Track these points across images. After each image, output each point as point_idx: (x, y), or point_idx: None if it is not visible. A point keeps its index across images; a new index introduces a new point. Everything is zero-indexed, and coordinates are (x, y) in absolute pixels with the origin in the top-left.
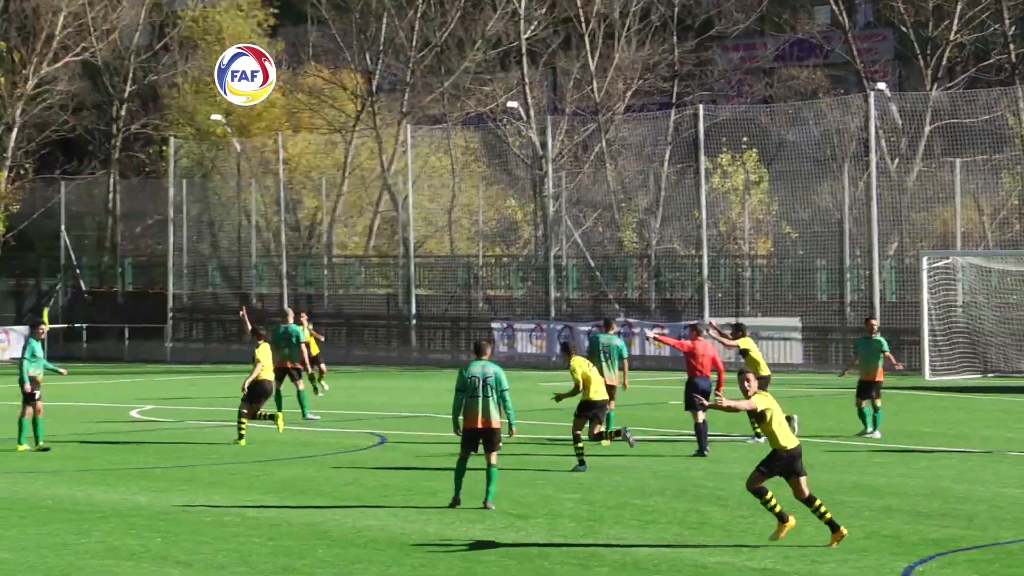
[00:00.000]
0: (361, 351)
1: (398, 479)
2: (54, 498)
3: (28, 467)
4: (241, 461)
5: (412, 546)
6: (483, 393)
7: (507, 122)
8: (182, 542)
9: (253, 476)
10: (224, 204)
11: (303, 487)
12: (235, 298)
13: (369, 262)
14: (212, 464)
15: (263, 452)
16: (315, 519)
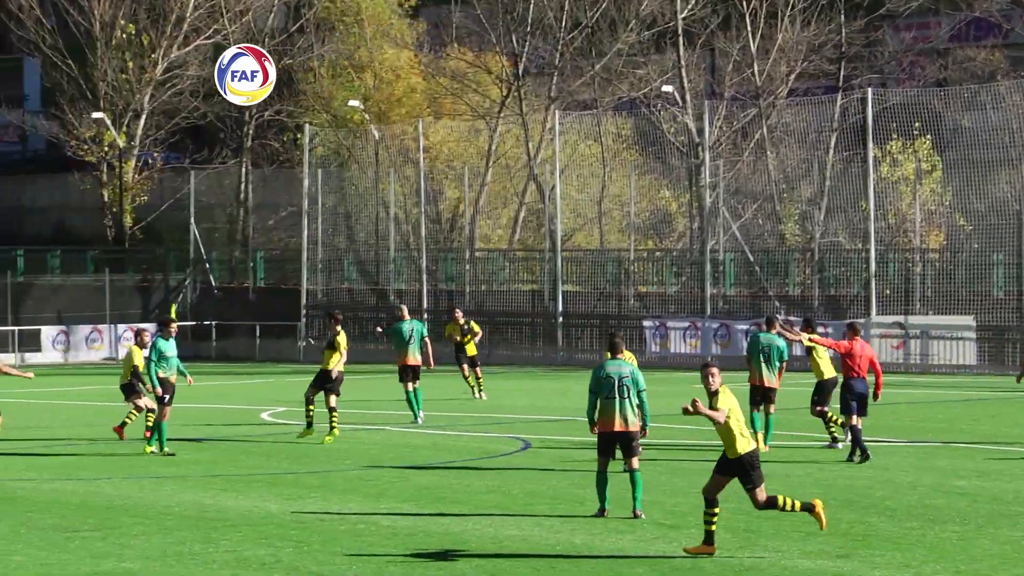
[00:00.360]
0: (504, 350)
1: (543, 486)
2: (180, 505)
3: (153, 472)
4: (376, 467)
5: (557, 557)
6: (619, 394)
7: (661, 107)
8: (315, 552)
9: (388, 482)
10: (361, 195)
11: (441, 494)
12: (372, 294)
13: (513, 256)
14: (346, 470)
15: (399, 458)
16: (453, 528)
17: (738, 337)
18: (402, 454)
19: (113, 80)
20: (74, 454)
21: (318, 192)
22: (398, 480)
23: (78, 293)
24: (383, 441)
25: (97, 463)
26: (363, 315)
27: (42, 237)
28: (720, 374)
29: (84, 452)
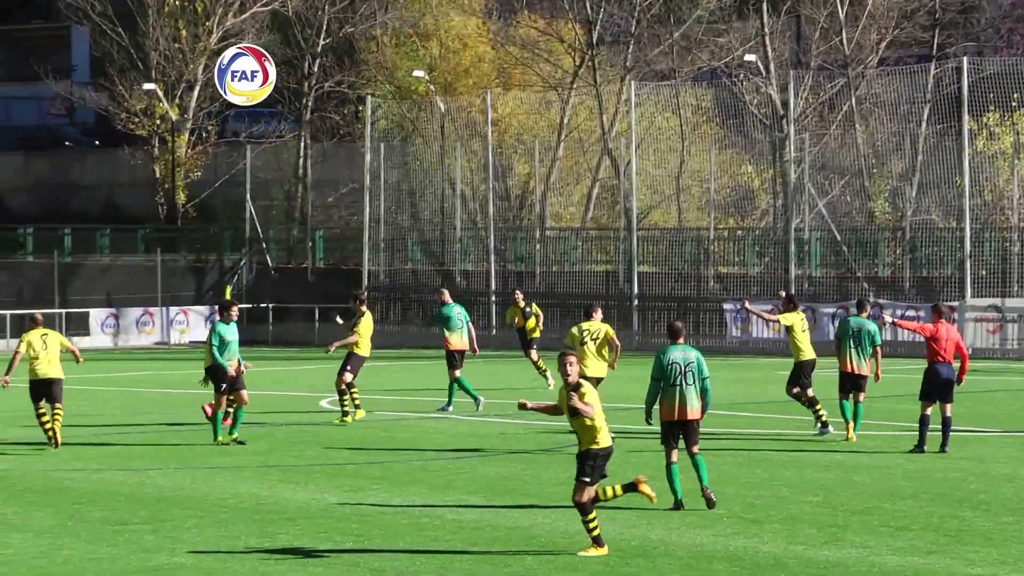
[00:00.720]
0: None
1: (617, 478)
2: (235, 497)
3: (207, 462)
4: (440, 458)
5: (632, 554)
6: (685, 381)
7: (744, 78)
8: (376, 547)
9: (454, 474)
10: (426, 170)
11: (509, 486)
12: (437, 275)
13: (587, 235)
14: (409, 460)
15: (463, 447)
16: (522, 522)
17: (824, 322)
18: (468, 444)
19: (165, 49)
20: (124, 444)
21: (380, 167)
22: (464, 471)
23: (128, 274)
24: (448, 430)
25: (148, 453)
26: (428, 297)
27: (90, 215)
28: (578, 365)
29: (134, 442)
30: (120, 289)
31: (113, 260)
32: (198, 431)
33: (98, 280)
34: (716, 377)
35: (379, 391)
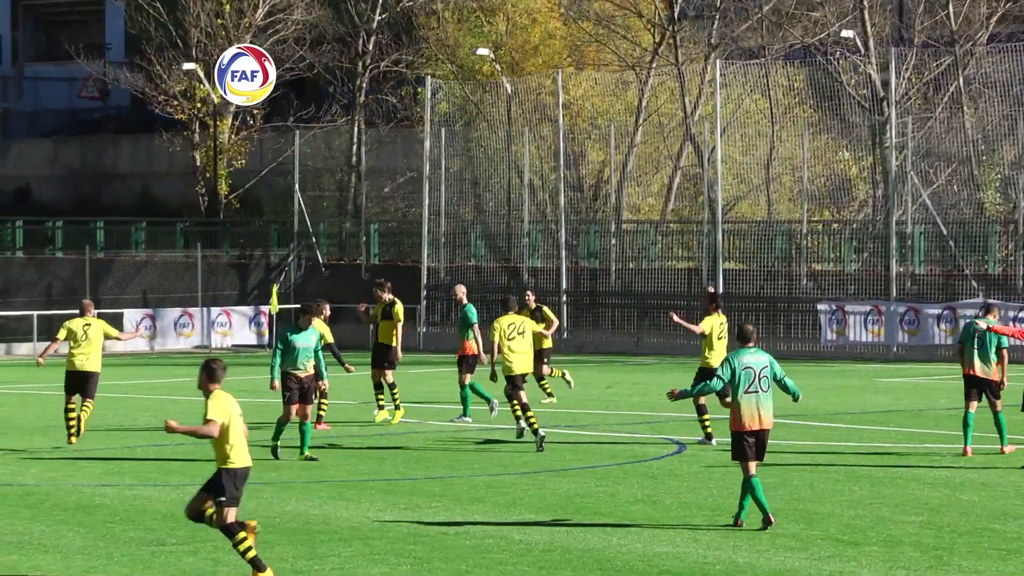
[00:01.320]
0: (655, 338)
1: (700, 495)
2: (282, 515)
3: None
4: (506, 472)
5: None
6: (760, 387)
7: (840, 56)
8: (436, 571)
9: (521, 490)
10: (490, 158)
11: (581, 504)
12: (503, 272)
13: (667, 229)
14: (471, 475)
15: (533, 462)
16: (596, 544)
17: (928, 324)
18: (537, 458)
19: (207, 26)
20: (160, 458)
21: (441, 155)
22: (532, 487)
23: (165, 271)
24: (515, 443)
25: (187, 467)
26: (492, 296)
27: (124, 207)
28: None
29: (172, 455)
30: (157, 288)
31: (149, 256)
32: None
33: (133, 278)
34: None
35: (439, 399)
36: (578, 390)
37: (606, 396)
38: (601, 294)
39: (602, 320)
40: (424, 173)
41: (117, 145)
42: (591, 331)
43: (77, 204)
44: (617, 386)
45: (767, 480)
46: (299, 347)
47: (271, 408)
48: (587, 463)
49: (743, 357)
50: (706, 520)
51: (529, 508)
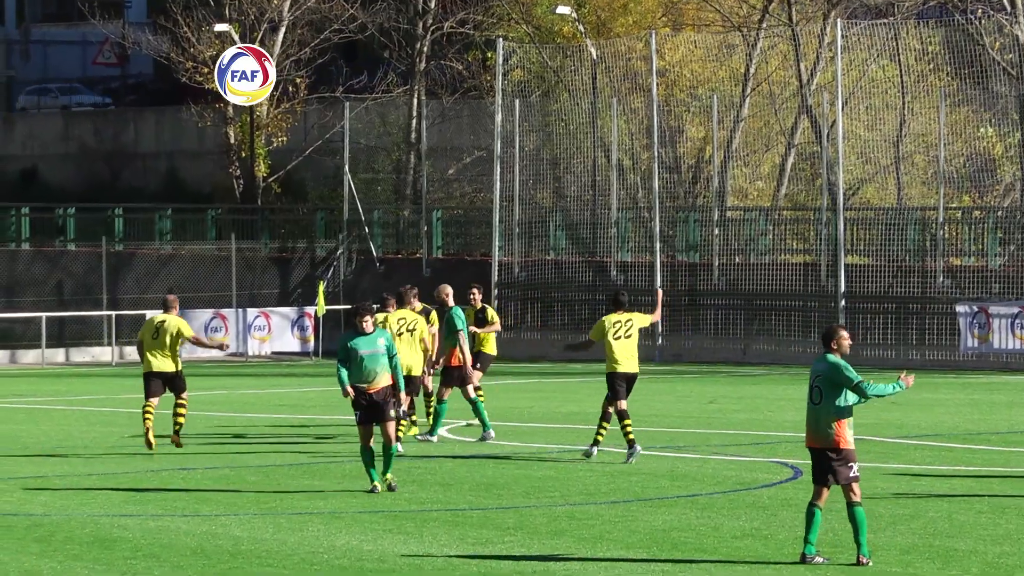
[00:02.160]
0: (766, 345)
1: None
2: (331, 551)
3: (294, 506)
4: (591, 502)
5: None
6: (812, 398)
7: (983, 15)
8: None
9: (609, 523)
10: (573, 134)
11: (680, 540)
12: (587, 268)
13: (779, 217)
14: (550, 504)
15: (621, 489)
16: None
17: None
18: (628, 484)
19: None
20: (187, 487)
21: (515, 131)
22: (622, 519)
23: (195, 267)
24: (602, 468)
25: (219, 495)
26: (575, 296)
27: (147, 191)
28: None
29: (201, 482)
30: (184, 286)
31: (176, 249)
32: (280, 467)
33: (157, 275)
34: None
35: (513, 416)
36: (676, 406)
37: (708, 413)
38: (702, 293)
39: (703, 324)
40: (495, 152)
41: (138, 120)
42: (690, 336)
43: (92, 188)
44: (721, 401)
45: (898, 511)
46: (362, 355)
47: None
48: (686, 491)
49: (815, 364)
50: (827, 554)
51: (618, 543)
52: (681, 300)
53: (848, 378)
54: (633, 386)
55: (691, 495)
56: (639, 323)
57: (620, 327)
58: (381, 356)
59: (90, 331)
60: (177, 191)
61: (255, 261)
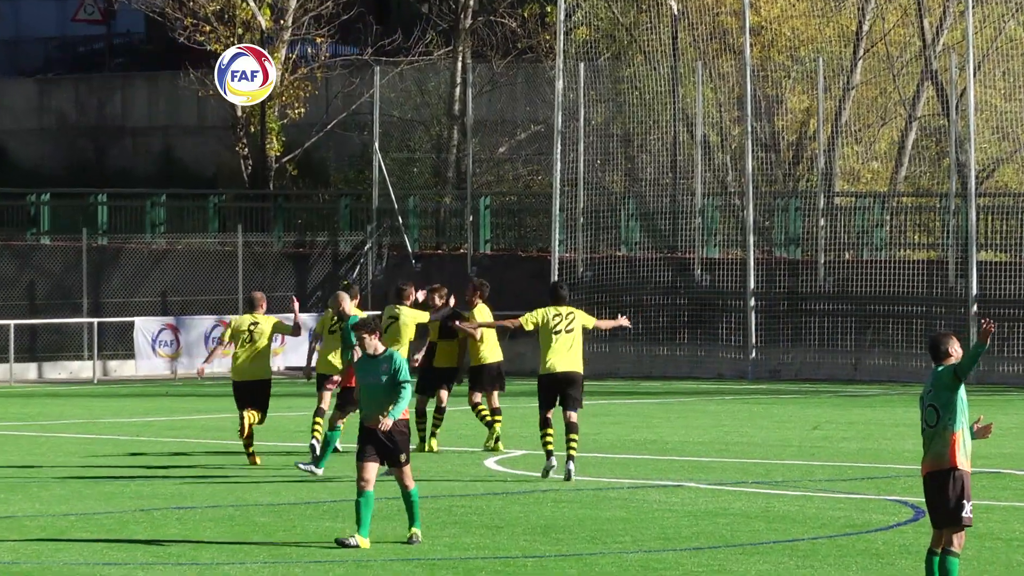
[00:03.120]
0: (882, 358)
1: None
2: None
3: (308, 556)
4: (670, 548)
5: None
6: (926, 422)
7: None
8: None
9: (690, 573)
10: (649, 105)
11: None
12: (666, 266)
13: (898, 205)
14: (618, 552)
15: (705, 533)
16: None
17: None
18: (715, 527)
19: None
20: (183, 532)
21: (579, 101)
22: (707, 569)
23: (194, 264)
24: (682, 507)
25: (222, 542)
26: (651, 300)
27: (137, 174)
28: None
29: (199, 526)
30: (182, 287)
31: (171, 243)
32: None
33: (149, 274)
34: None
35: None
36: (773, 433)
37: (811, 441)
38: (804, 297)
39: (805, 334)
40: (555, 127)
41: (127, 87)
42: (789, 349)
43: (71, 170)
44: (827, 427)
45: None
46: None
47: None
48: (784, 535)
49: (927, 383)
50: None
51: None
52: (779, 305)
53: (955, 395)
54: (578, 392)
55: (790, 540)
56: (582, 321)
57: (561, 319)
58: (381, 388)
59: (68, 342)
60: (173, 174)
61: (266, 258)
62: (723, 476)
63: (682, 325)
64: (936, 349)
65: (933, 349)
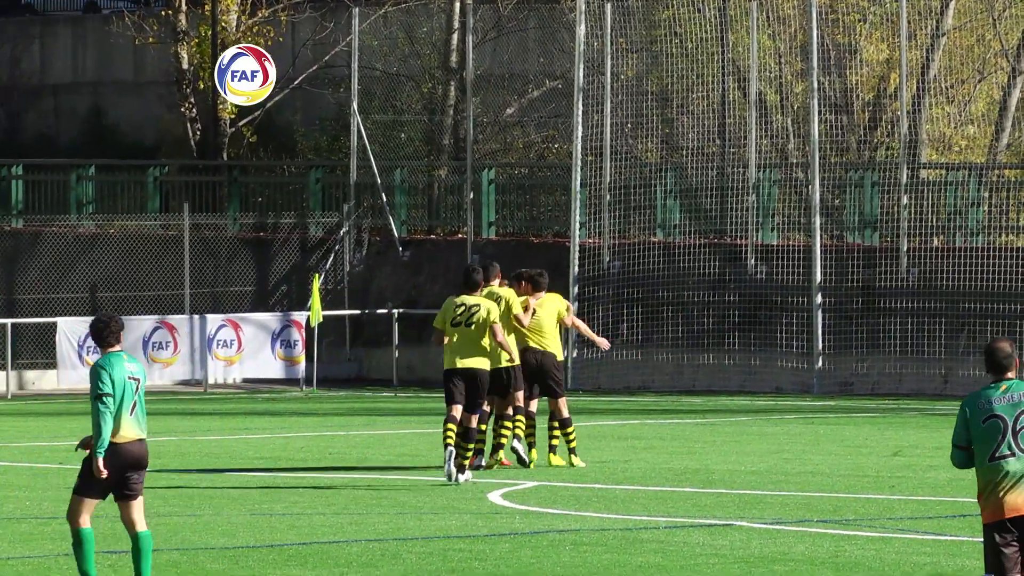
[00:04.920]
0: (979, 369)
1: None
2: None
3: None
4: None
5: None
6: (1018, 446)
7: None
8: None
9: None
10: (691, 56)
11: None
12: (714, 254)
13: (999, 179)
14: None
15: None
16: None
17: None
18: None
19: None
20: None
21: (605, 50)
22: None
23: (129, 253)
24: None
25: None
26: (694, 297)
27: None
28: None
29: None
30: (115, 280)
31: (102, 227)
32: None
33: (74, 264)
34: None
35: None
36: (845, 460)
37: (891, 469)
38: (883, 293)
39: (884, 338)
40: (576, 83)
41: (46, 35)
42: (864, 357)
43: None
44: (910, 452)
45: None
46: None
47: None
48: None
49: (988, 399)
50: None
51: None
52: (852, 303)
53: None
54: (481, 389)
55: None
56: (488, 310)
57: (464, 312)
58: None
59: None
60: (104, 141)
61: (219, 244)
62: (782, 513)
63: (732, 327)
64: (999, 358)
65: (997, 359)
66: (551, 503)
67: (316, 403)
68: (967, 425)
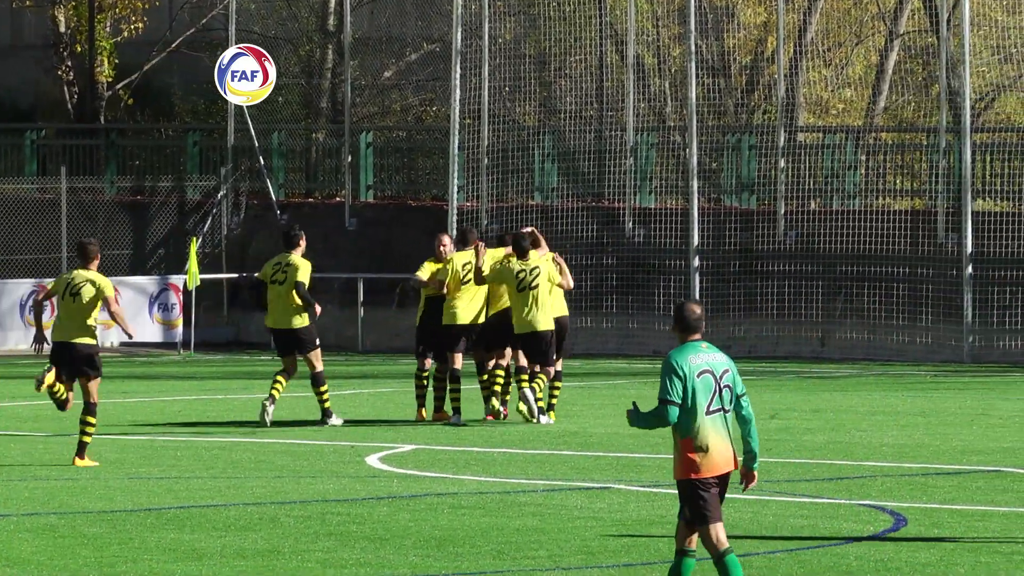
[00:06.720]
0: (856, 332)
1: None
2: None
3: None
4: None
5: None
6: (723, 404)
7: None
8: None
9: None
10: (569, 18)
11: None
12: (592, 218)
13: (876, 143)
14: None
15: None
16: None
17: None
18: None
19: None
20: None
21: (483, 12)
22: None
23: (6, 216)
24: (609, 514)
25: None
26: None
27: None
28: None
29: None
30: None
31: None
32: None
33: None
34: None
35: (478, 438)
36: None
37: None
38: (761, 256)
39: (761, 302)
40: (454, 45)
41: None
42: (742, 320)
43: None
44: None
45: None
46: None
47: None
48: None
49: (692, 356)
50: None
51: None
52: (729, 266)
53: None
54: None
55: (742, 555)
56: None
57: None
58: None
59: None
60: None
61: (97, 208)
62: (659, 476)
63: (609, 291)
64: (690, 319)
65: (688, 320)
66: (429, 466)
67: (193, 366)
68: (679, 381)
